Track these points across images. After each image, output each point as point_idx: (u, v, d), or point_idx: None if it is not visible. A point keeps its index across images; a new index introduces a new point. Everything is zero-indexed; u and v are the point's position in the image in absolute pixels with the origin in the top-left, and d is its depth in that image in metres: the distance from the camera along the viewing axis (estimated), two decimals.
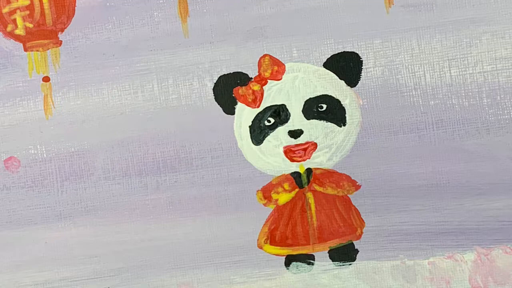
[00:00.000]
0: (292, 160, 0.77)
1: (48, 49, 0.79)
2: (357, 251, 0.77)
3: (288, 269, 0.77)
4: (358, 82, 0.76)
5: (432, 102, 0.75)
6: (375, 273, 0.76)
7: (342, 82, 0.76)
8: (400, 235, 0.76)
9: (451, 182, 0.75)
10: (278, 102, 0.76)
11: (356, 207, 0.77)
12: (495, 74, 0.74)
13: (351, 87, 0.76)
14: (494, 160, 0.76)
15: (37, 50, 0.79)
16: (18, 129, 0.80)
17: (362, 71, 0.76)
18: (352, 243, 0.77)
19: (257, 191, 0.78)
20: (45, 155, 0.80)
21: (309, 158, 0.77)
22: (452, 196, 0.75)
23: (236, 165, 0.78)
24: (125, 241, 0.79)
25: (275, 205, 0.78)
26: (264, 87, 0.76)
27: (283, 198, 0.77)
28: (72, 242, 0.79)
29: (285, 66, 0.77)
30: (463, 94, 0.75)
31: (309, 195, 0.78)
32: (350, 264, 0.77)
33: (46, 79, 0.78)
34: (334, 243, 0.77)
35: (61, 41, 0.78)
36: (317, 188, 0.77)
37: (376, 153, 0.77)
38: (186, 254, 0.78)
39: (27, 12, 0.77)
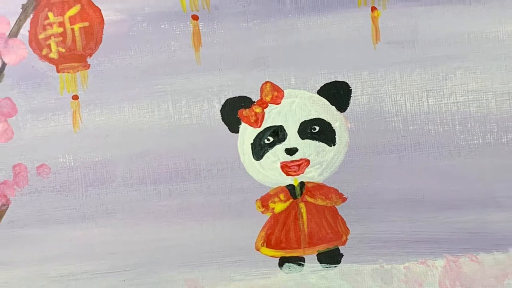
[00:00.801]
0: (287, 174, 0.81)
1: (78, 71, 0.84)
2: (342, 255, 0.81)
3: (281, 269, 0.82)
4: (347, 108, 0.81)
5: (411, 127, 0.80)
6: (357, 274, 0.81)
7: (333, 107, 0.81)
8: (380, 242, 0.81)
9: (426, 198, 0.80)
10: (277, 123, 0.81)
11: (342, 216, 0.81)
12: (466, 105, 0.79)
13: (341, 112, 0.81)
14: (464, 180, 0.80)
15: (68, 72, 0.84)
16: (50, 140, 0.84)
17: (351, 99, 0.81)
18: (338, 248, 0.82)
19: (256, 200, 0.82)
20: (72, 164, 0.84)
21: (303, 173, 0.82)
22: (426, 210, 0.80)
23: (239, 177, 0.83)
24: (140, 241, 0.84)
25: (271, 213, 0.82)
26: (265, 110, 0.81)
27: (279, 207, 0.82)
28: (93, 240, 0.84)
29: (284, 92, 0.81)
30: (438, 121, 0.80)
31: (302, 205, 0.82)
32: (335, 266, 0.82)
33: (75, 97, 0.83)
34: (322, 247, 0.82)
35: (89, 64, 0.83)
36: (309, 199, 0.82)
37: (361, 170, 0.81)
38: (193, 254, 0.83)
39: (60, 38, 0.82)
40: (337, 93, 0.81)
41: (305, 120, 0.81)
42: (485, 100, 0.79)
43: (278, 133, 0.81)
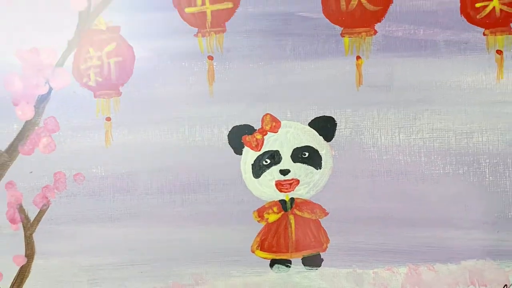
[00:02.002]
0: (280, 191, 0.87)
1: (111, 97, 0.89)
2: (322, 260, 0.86)
3: (271, 269, 0.88)
4: (332, 138, 0.86)
5: (384, 157, 0.85)
6: (334, 277, 0.87)
7: (321, 137, 0.86)
8: (354, 251, 0.86)
9: (394, 216, 0.86)
10: (274, 148, 0.87)
11: (324, 228, 0.87)
12: (431, 140, 0.85)
13: (327, 141, 0.86)
14: (426, 202, 0.86)
15: (103, 98, 0.89)
16: (85, 153, 0.90)
17: (336, 131, 0.86)
18: (319, 254, 0.87)
19: (254, 211, 0.87)
20: (103, 174, 0.90)
21: (293, 191, 0.87)
22: (394, 226, 0.85)
23: (240, 191, 0.88)
24: (156, 240, 0.89)
25: (265, 222, 0.88)
26: (264, 136, 0.87)
27: (272, 217, 0.87)
28: (118, 237, 0.89)
29: (280, 123, 0.87)
30: (407, 153, 0.85)
31: (291, 217, 0.87)
32: (316, 269, 0.87)
33: (108, 119, 0.89)
34: (307, 252, 0.87)
35: (121, 92, 0.89)
36: (297, 212, 0.87)
37: (341, 191, 0.86)
38: (199, 253, 0.89)
39: (98, 69, 0.88)
40: (324, 126, 0.86)
41: (297, 147, 0.86)
42: (446, 137, 0.85)
43: (274, 156, 0.86)
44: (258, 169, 0.87)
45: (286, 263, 0.88)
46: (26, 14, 0.89)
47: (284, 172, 0.86)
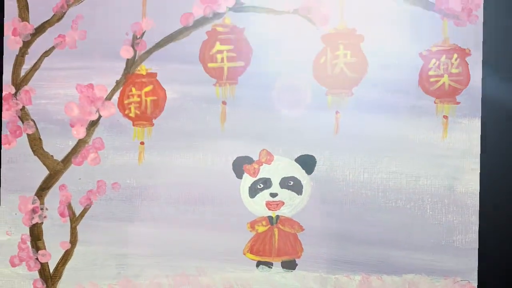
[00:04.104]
0: (269, 209, 0.93)
1: (146, 127, 0.94)
2: (296, 264, 0.93)
3: (257, 268, 0.93)
4: (312, 172, 0.92)
5: (351, 190, 0.92)
6: (304, 278, 0.93)
7: (304, 170, 0.92)
8: (322, 260, 0.93)
9: (355, 236, 0.92)
10: (267, 176, 0.93)
11: (300, 240, 0.93)
12: (387, 180, 0.92)
13: (308, 174, 0.92)
14: (379, 227, 0.92)
15: (140, 126, 0.94)
16: (122, 168, 0.94)
17: (315, 167, 0.92)
18: (295, 260, 0.93)
19: (247, 223, 0.93)
20: (134, 184, 0.95)
21: (279, 210, 0.93)
22: (354, 243, 0.92)
23: (238, 207, 0.93)
24: (171, 239, 0.94)
25: (256, 232, 0.93)
26: (260, 166, 0.93)
27: (261, 229, 0.93)
28: (141, 234, 0.94)
29: (274, 157, 0.93)
30: (368, 188, 0.92)
31: (275, 230, 0.93)
32: (291, 271, 0.93)
33: (142, 143, 0.94)
34: (285, 258, 0.93)
35: (154, 123, 0.94)
36: (281, 227, 0.93)
37: (316, 213, 0.93)
38: (203, 251, 0.94)
39: (137, 105, 0.94)
40: (307, 162, 0.92)
41: (284, 176, 0.92)
42: (399, 179, 0.92)
43: (266, 182, 0.92)
44: (253, 191, 0.92)
45: (269, 264, 0.93)
46: (86, 58, 0.95)
47: (273, 195, 0.92)
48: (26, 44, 0.96)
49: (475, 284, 0.91)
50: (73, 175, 0.95)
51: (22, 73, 0.95)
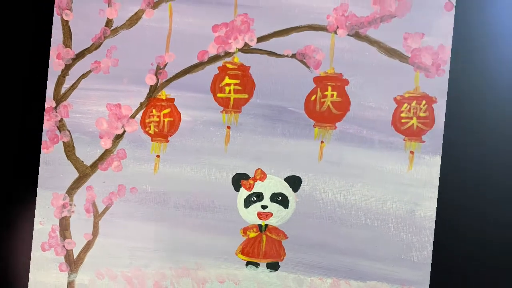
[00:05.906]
0: (260, 218, 1.01)
1: (162, 143, 1.00)
2: (279, 266, 1.01)
3: (246, 267, 1.01)
4: (297, 191, 1.00)
5: (329, 207, 1.00)
6: (285, 278, 1.00)
7: (291, 189, 1.00)
8: (300, 264, 1.00)
9: (330, 245, 0.98)
10: (260, 191, 1.00)
11: (284, 246, 1.01)
12: (360, 201, 1.00)
13: (294, 192, 1.00)
14: (352, 240, 0.99)
15: (157, 142, 1.02)
16: (140, 175, 1.01)
17: (301, 186, 1.00)
18: (278, 262, 1.01)
19: (241, 229, 1.01)
20: (149, 190, 1.03)
21: (268, 220, 1.01)
22: (328, 252, 1.00)
23: (234, 215, 1.01)
24: (175, 237, 1.02)
25: (247, 237, 1.00)
26: (255, 183, 1.00)
27: (252, 234, 1.01)
28: (151, 231, 1.02)
29: (267, 175, 1.00)
30: (344, 207, 1.00)
31: (264, 236, 1.00)
32: (275, 271, 1.01)
33: (158, 156, 1.01)
34: (270, 260, 1.01)
35: (169, 140, 0.99)
36: (268, 234, 1.00)
37: (299, 225, 1.00)
38: (202, 250, 1.02)
39: (156, 124, 1.01)
40: (294, 182, 1.00)
41: (274, 192, 1.00)
42: (370, 201, 1.00)
43: (259, 196, 1.00)
44: (247, 202, 1.01)
45: (256, 264, 1.01)
46: (117, 82, 1.02)
47: (264, 207, 1.00)
48: (68, 67, 1.03)
49: None
50: (99, 178, 1.03)
51: (62, 90, 1.02)
